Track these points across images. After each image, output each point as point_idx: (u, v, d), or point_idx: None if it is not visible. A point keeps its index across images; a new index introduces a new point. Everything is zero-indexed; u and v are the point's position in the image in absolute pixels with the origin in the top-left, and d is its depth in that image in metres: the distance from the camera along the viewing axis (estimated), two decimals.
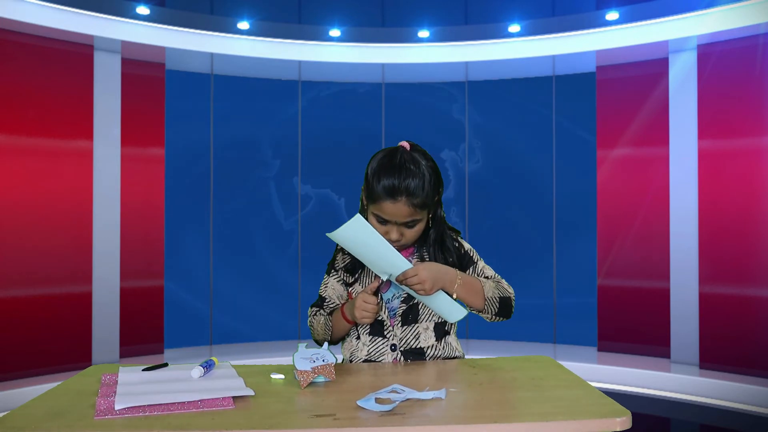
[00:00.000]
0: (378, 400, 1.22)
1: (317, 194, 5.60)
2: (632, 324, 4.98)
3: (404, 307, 1.66)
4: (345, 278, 1.72)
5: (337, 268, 1.74)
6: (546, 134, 5.48)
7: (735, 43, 4.45)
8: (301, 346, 1.45)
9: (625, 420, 1.14)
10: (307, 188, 5.59)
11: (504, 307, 1.65)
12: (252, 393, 1.28)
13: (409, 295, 1.66)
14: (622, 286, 5.02)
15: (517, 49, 5.10)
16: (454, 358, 1.68)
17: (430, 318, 1.67)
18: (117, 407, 1.15)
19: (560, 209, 5.44)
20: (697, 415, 4.09)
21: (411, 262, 1.66)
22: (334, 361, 1.42)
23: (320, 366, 1.39)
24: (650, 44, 4.67)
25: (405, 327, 1.65)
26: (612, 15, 4.73)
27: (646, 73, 4.94)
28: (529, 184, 5.54)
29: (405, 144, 1.66)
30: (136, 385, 1.32)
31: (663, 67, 4.84)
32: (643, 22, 4.64)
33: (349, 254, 1.70)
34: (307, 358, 1.40)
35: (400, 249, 1.67)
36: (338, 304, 1.71)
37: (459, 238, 1.74)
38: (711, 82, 4.57)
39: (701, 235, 4.58)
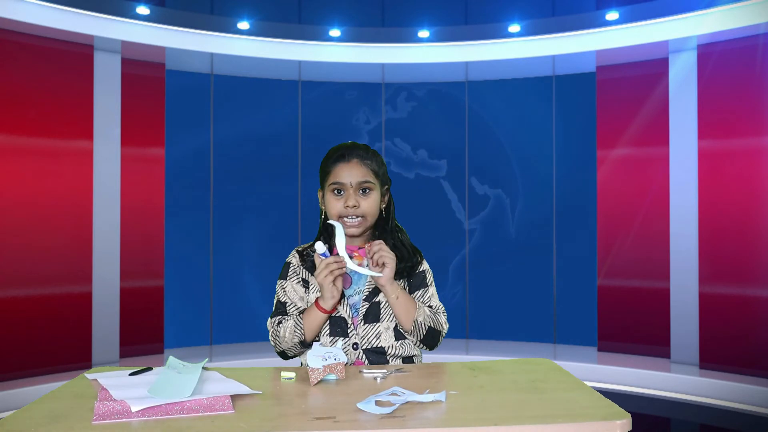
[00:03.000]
0: (378, 403, 1.23)
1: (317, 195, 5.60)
2: (632, 324, 4.98)
3: (367, 305, 1.69)
4: (305, 276, 1.76)
5: (295, 269, 1.78)
6: (546, 134, 5.48)
7: (735, 43, 4.45)
8: (316, 344, 1.47)
9: (625, 423, 1.14)
10: (306, 188, 5.59)
11: (430, 337, 1.70)
12: (259, 392, 1.31)
13: (371, 292, 1.70)
14: (622, 286, 5.02)
15: (517, 49, 5.10)
16: (412, 356, 1.72)
17: (391, 318, 1.70)
18: (134, 409, 1.15)
19: (560, 209, 5.44)
20: (697, 415, 4.10)
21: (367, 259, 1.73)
22: (346, 360, 1.43)
23: (332, 364, 1.40)
24: (650, 44, 4.67)
25: (366, 326, 1.68)
26: (612, 15, 4.73)
27: (646, 73, 4.94)
28: (528, 183, 5.54)
29: (353, 142, 1.81)
30: (135, 388, 1.32)
31: (663, 67, 4.84)
32: (643, 22, 4.64)
33: (310, 254, 1.77)
34: (319, 356, 1.41)
35: (362, 230, 1.73)
36: (303, 308, 1.73)
37: (420, 257, 1.81)
38: (711, 82, 4.57)
39: (701, 235, 4.58)
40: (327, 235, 1.77)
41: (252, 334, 5.44)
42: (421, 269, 1.78)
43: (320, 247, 1.61)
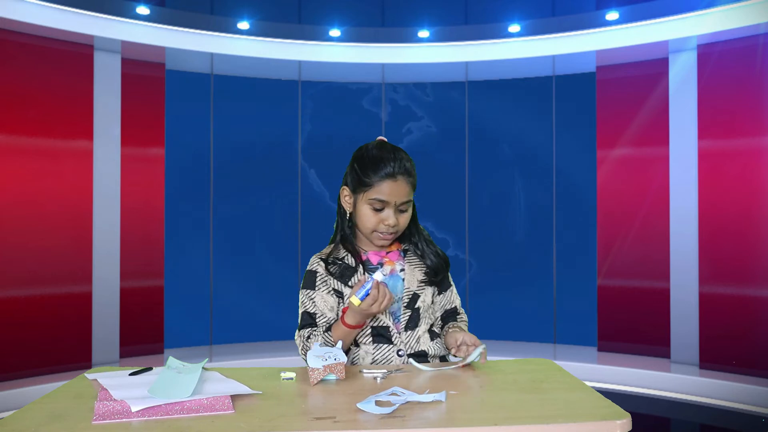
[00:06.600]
0: (378, 403, 1.22)
1: (317, 195, 5.60)
2: (632, 324, 4.98)
3: (409, 312, 1.68)
4: (336, 287, 1.68)
5: (323, 278, 1.69)
6: (546, 134, 5.48)
7: (735, 43, 4.45)
8: (316, 344, 1.46)
9: (625, 422, 1.14)
10: (306, 187, 5.59)
11: None
12: (259, 392, 1.31)
13: (411, 300, 1.70)
14: (622, 286, 5.02)
15: (517, 49, 5.10)
16: (445, 355, 1.73)
17: (427, 321, 1.71)
18: (134, 409, 1.15)
19: (560, 209, 5.44)
20: (697, 415, 4.10)
21: (403, 263, 1.73)
22: (345, 360, 1.43)
23: (332, 364, 1.40)
24: (650, 44, 4.67)
25: (408, 332, 1.68)
26: (612, 15, 4.73)
27: (646, 73, 4.94)
28: (529, 183, 5.54)
29: (383, 138, 1.77)
30: (135, 388, 1.32)
31: (663, 67, 4.84)
32: (643, 22, 4.64)
33: (335, 262, 1.70)
34: (319, 356, 1.41)
35: (392, 242, 1.73)
36: (333, 319, 1.67)
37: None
38: (711, 82, 4.57)
39: (701, 235, 4.58)
40: (344, 235, 1.73)
41: (252, 334, 5.44)
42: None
43: (379, 275, 1.53)
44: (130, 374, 1.44)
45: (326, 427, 1.10)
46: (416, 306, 1.69)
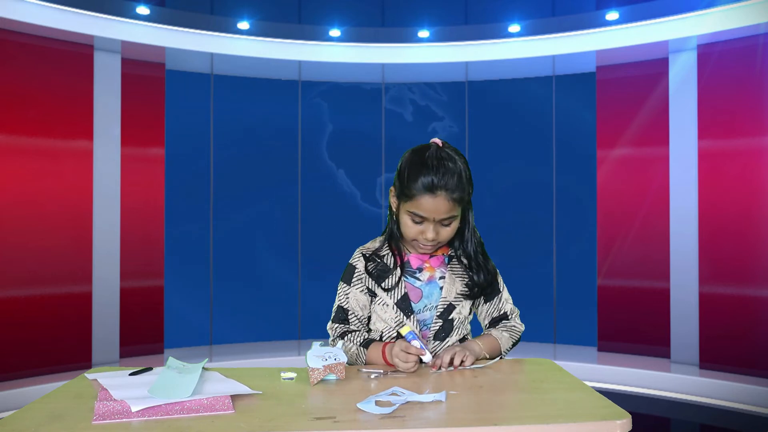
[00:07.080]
0: (378, 403, 1.22)
1: (317, 195, 5.60)
2: (632, 324, 4.98)
3: (440, 323, 1.64)
4: (370, 285, 1.66)
5: (360, 276, 1.66)
6: (546, 134, 5.48)
7: (735, 43, 4.45)
8: (316, 344, 1.46)
9: (625, 422, 1.14)
10: (306, 187, 5.59)
11: (513, 347, 1.73)
12: (259, 392, 1.30)
13: (445, 310, 1.65)
14: (622, 286, 5.02)
15: (517, 49, 5.10)
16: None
17: (460, 332, 1.67)
18: (134, 409, 1.15)
19: (560, 209, 5.44)
20: (697, 415, 4.10)
21: (444, 270, 1.67)
22: (345, 360, 1.43)
23: (332, 364, 1.39)
24: (650, 44, 4.67)
25: (437, 342, 1.64)
26: (612, 15, 4.73)
27: (646, 73, 4.94)
28: (529, 183, 5.54)
29: (437, 141, 1.65)
30: (135, 388, 1.32)
31: (663, 67, 4.84)
32: (643, 22, 4.64)
33: (375, 260, 1.67)
34: (319, 356, 1.41)
35: (434, 250, 1.66)
36: (364, 317, 1.66)
37: (496, 271, 1.75)
38: (711, 82, 4.57)
39: (701, 235, 4.58)
40: (392, 232, 1.67)
41: (252, 334, 5.44)
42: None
43: (429, 358, 1.50)
44: (130, 374, 1.44)
45: (326, 427, 1.10)
46: (450, 317, 1.64)
